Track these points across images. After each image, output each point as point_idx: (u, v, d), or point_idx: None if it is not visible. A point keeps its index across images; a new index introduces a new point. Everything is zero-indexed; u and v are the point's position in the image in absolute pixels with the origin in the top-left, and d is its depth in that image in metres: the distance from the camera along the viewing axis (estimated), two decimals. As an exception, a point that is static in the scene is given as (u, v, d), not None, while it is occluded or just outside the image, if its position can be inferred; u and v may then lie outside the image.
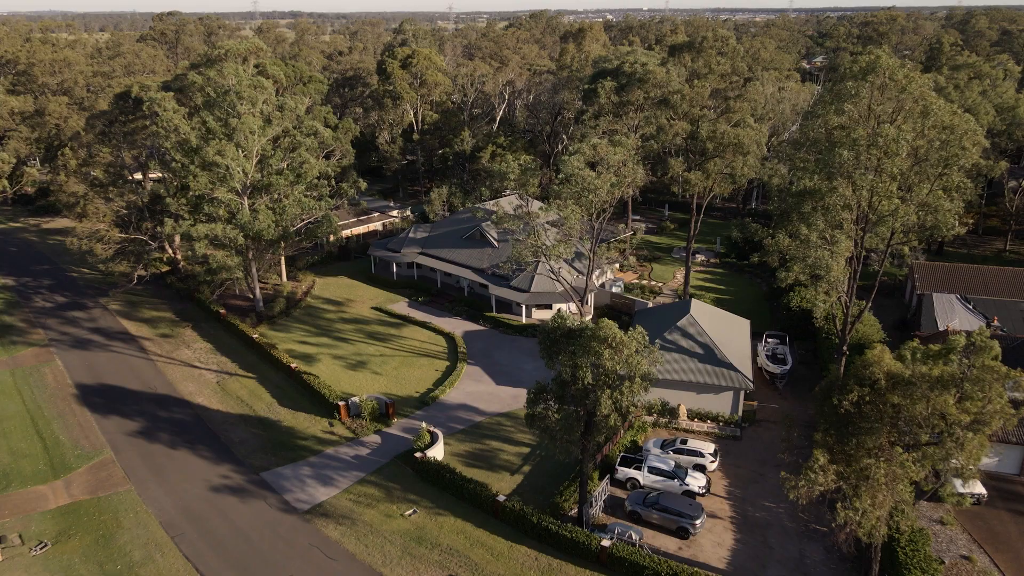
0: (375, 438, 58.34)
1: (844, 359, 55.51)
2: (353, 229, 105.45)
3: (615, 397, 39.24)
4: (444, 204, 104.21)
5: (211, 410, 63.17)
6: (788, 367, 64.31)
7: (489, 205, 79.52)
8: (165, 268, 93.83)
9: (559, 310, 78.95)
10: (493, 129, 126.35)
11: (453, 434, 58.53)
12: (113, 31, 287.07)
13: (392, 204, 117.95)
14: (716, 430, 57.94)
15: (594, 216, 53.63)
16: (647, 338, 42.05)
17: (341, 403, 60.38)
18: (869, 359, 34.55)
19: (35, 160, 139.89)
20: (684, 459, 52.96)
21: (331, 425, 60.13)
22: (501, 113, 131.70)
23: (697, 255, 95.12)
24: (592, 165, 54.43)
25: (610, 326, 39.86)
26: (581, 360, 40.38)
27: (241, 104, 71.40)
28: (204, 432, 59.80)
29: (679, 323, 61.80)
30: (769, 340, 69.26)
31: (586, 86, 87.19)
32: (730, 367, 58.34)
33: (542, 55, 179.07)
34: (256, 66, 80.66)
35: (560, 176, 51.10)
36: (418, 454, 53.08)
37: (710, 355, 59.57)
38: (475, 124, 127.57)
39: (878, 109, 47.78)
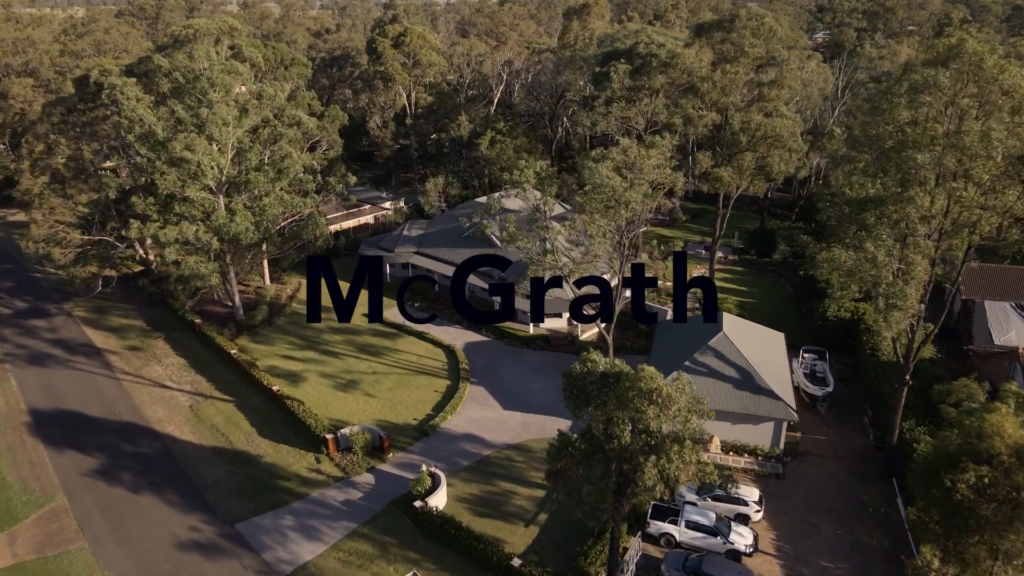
0: (368, 477, 51.19)
1: (906, 389, 48.52)
2: (342, 223, 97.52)
3: (661, 465, 32.05)
4: (440, 195, 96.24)
5: (182, 442, 55.81)
6: (830, 388, 57.34)
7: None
8: (138, 268, 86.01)
9: (566, 318, 72.42)
10: (491, 112, 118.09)
11: (457, 472, 51.43)
12: (89, 7, 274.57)
13: (384, 195, 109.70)
14: (755, 466, 51.05)
15: (623, 230, 46.06)
16: (694, 387, 34.95)
17: (329, 436, 53.08)
18: (987, 429, 27.46)
19: (3, 145, 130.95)
20: (724, 507, 46.10)
21: (318, 461, 52.88)
22: (499, 95, 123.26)
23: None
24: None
25: (653, 376, 32.59)
26: (617, 415, 33.24)
27: (213, 91, 63.22)
28: (173, 470, 52.49)
29: (711, 343, 54.65)
30: (806, 356, 62.13)
31: (596, 69, 79.00)
32: (771, 395, 51.36)
33: (539, 32, 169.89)
34: (231, 48, 72.37)
35: (586, 187, 43.42)
36: (417, 503, 45.99)
37: (747, 380, 52.53)
38: (472, 107, 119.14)
39: (962, 103, 40.33)
